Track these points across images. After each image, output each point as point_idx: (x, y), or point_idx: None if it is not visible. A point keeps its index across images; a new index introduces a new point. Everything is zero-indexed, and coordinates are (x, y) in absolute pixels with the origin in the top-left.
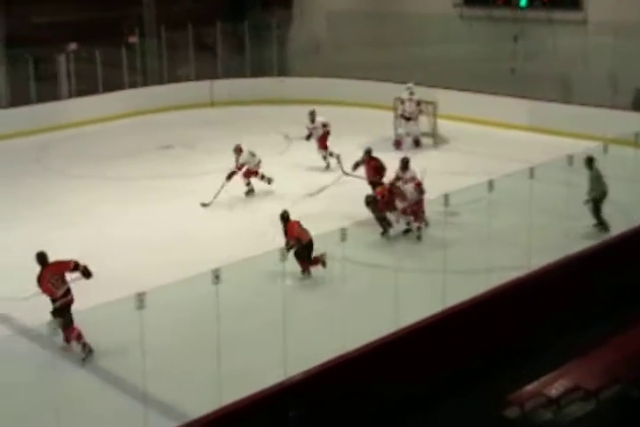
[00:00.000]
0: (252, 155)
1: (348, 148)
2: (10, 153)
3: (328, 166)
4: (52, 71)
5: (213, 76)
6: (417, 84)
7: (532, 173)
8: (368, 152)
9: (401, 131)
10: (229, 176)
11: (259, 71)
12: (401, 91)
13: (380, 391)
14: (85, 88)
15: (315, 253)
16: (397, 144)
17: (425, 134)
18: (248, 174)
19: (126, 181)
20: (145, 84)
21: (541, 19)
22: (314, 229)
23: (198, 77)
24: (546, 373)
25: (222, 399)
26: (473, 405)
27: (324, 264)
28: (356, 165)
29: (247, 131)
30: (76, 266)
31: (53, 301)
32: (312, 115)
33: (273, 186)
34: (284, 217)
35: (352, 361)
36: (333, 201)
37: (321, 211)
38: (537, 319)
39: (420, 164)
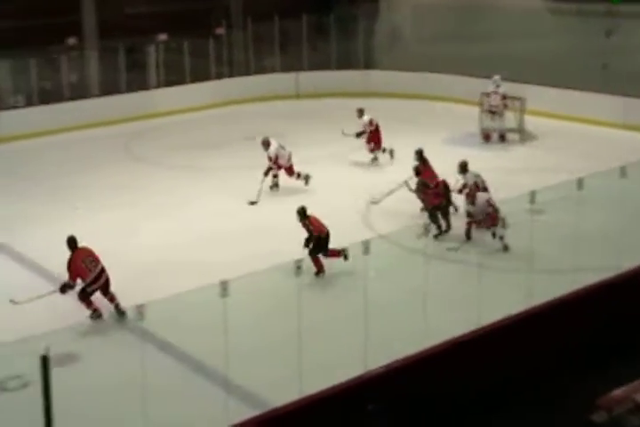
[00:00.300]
0: (282, 148)
1: (432, 142)
2: (99, 141)
3: (375, 159)
4: (141, 61)
5: (299, 68)
6: (504, 79)
7: (623, 172)
8: (419, 153)
9: (487, 124)
10: (266, 172)
11: (344, 64)
12: (486, 86)
13: (462, 389)
14: (173, 78)
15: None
16: (486, 138)
17: (511, 130)
18: (290, 172)
19: (212, 171)
20: (231, 75)
21: (637, 13)
22: (390, 226)
23: (284, 69)
24: (636, 377)
25: (303, 390)
26: (559, 407)
27: (345, 257)
28: (418, 172)
29: (331, 123)
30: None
31: (83, 282)
32: (360, 112)
33: (309, 185)
34: (302, 212)
35: (433, 357)
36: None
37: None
38: (628, 321)
39: (504, 159)
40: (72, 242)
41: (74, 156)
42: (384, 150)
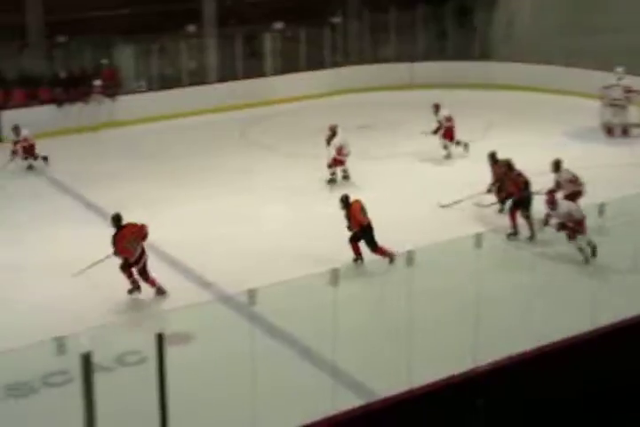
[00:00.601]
0: (346, 142)
1: (552, 136)
2: (216, 127)
3: (449, 156)
4: (258, 49)
5: (414, 58)
6: (628, 73)
7: None
8: (492, 156)
9: (608, 118)
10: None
11: (460, 54)
12: (608, 78)
13: (571, 391)
14: (289, 66)
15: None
16: (609, 131)
17: (635, 125)
18: (335, 163)
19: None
20: (346, 64)
21: None
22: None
23: (399, 59)
24: None
25: (412, 381)
26: None
27: (391, 260)
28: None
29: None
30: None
31: (126, 260)
32: (436, 108)
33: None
34: (345, 201)
35: (546, 355)
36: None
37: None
38: None
39: (627, 155)
40: (117, 220)
41: (192, 140)
42: (457, 143)
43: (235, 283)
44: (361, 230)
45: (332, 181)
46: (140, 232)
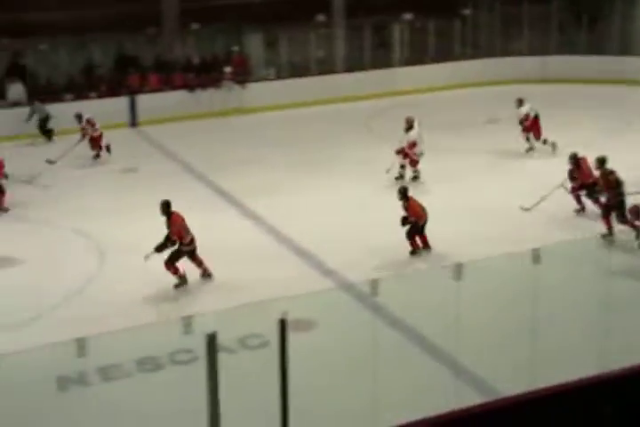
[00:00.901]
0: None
1: None
2: (342, 116)
3: (531, 149)
4: (386, 40)
5: (546, 51)
6: None
7: None
8: (574, 157)
9: None
10: (404, 155)
11: (596, 49)
12: None
13: None
14: (416, 57)
15: None
16: None
17: None
18: (406, 157)
19: (450, 153)
20: (475, 56)
21: None
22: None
23: (531, 53)
24: None
25: (534, 382)
26: None
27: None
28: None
29: (579, 111)
30: None
31: (180, 244)
32: (520, 102)
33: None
34: (403, 192)
35: None
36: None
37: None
38: None
39: None
40: (166, 206)
41: (318, 129)
42: (545, 142)
43: (357, 272)
44: (418, 224)
45: (399, 178)
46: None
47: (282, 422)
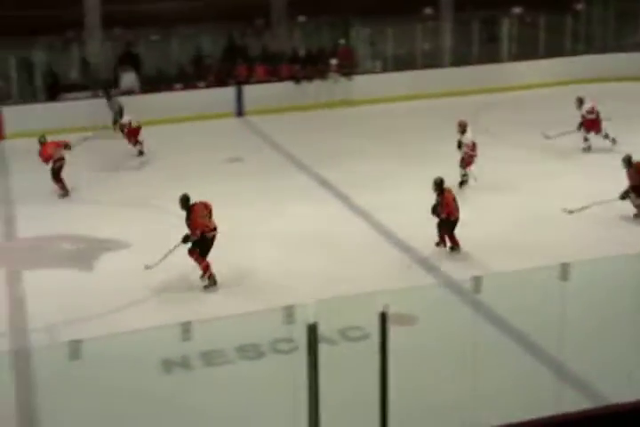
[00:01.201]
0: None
1: None
2: (447, 111)
3: (589, 148)
4: (495, 34)
5: None
6: None
7: None
8: (627, 160)
9: None
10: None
11: None
12: None
13: None
14: (526, 53)
15: None
16: None
17: None
18: (470, 160)
19: (555, 152)
20: (587, 52)
21: None
22: None
23: None
24: None
25: None
26: None
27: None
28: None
29: None
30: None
31: (202, 234)
32: (580, 101)
33: None
34: (439, 183)
35: None
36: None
37: None
38: None
39: None
40: (186, 201)
41: (422, 123)
42: (606, 136)
43: (458, 269)
44: (450, 221)
45: (463, 183)
46: (207, 207)
47: (380, 415)
